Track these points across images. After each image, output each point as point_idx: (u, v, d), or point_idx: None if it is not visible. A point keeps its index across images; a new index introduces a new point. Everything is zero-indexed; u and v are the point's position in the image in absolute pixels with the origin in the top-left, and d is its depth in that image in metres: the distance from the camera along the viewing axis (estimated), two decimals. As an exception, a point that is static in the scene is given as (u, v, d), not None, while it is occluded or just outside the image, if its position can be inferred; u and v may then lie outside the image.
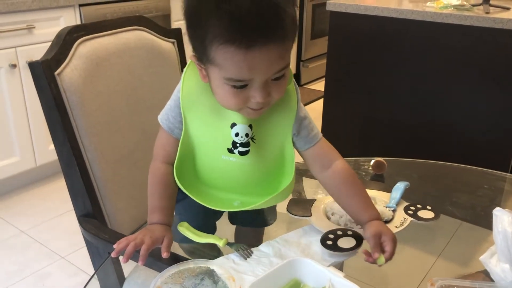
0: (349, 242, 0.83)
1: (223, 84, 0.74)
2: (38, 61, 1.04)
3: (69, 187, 1.15)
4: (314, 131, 0.88)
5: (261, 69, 0.71)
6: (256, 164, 0.85)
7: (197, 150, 0.87)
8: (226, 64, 0.71)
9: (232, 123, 0.82)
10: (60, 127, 1.08)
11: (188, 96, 0.84)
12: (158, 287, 0.72)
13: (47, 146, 2.37)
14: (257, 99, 0.74)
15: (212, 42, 0.70)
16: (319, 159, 0.88)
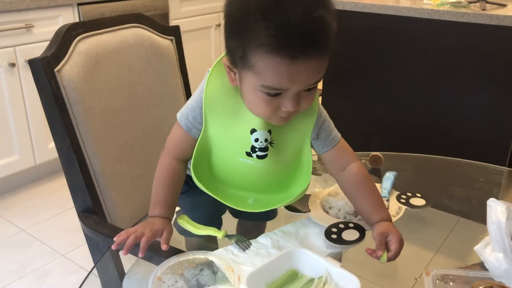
0: (353, 234, 0.84)
1: (257, 90, 0.75)
2: (38, 58, 1.05)
3: (69, 183, 1.16)
4: (332, 133, 0.90)
5: (301, 80, 0.73)
6: (273, 167, 0.87)
7: (215, 151, 0.88)
8: (267, 72, 0.72)
9: (252, 129, 0.83)
10: (60, 123, 1.09)
11: (211, 98, 0.84)
12: (158, 277, 0.73)
13: (47, 145, 2.38)
14: (288, 108, 0.75)
15: (255, 50, 0.71)
16: (336, 161, 0.90)
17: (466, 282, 0.74)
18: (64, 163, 1.14)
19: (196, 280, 0.72)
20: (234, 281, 0.72)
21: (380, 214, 0.85)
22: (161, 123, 1.33)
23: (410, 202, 0.98)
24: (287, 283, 0.73)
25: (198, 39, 3.01)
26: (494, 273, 0.75)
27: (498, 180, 1.18)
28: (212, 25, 3.07)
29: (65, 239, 2.06)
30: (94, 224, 1.12)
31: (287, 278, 0.74)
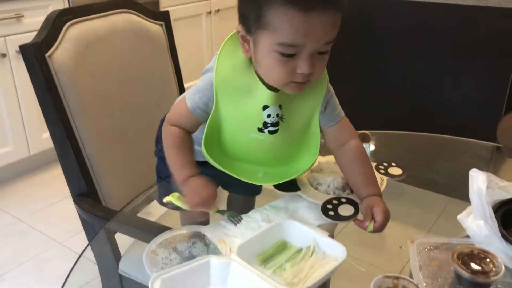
0: (348, 210, 0.87)
1: (272, 52, 0.76)
2: (28, 44, 1.06)
3: (64, 167, 1.18)
4: (337, 109, 0.92)
5: (316, 34, 0.73)
6: (283, 141, 0.89)
7: (226, 128, 0.89)
8: (282, 27, 0.72)
9: (264, 105, 0.84)
10: (53, 108, 1.11)
11: (222, 78, 0.84)
12: (152, 251, 0.75)
13: (40, 135, 2.39)
14: (303, 69, 0.76)
15: (270, 5, 0.72)
16: (337, 137, 0.92)
17: (449, 249, 0.76)
18: (58, 148, 1.16)
19: (189, 252, 0.75)
20: (225, 253, 0.74)
21: (370, 189, 0.88)
22: (153, 107, 1.34)
23: (389, 171, 1.01)
24: (277, 253, 0.76)
25: (189, 26, 3.01)
26: (475, 240, 0.78)
27: (482, 154, 1.22)
28: (203, 13, 3.07)
29: (62, 228, 2.08)
30: (89, 208, 1.14)
31: (277, 248, 0.77)
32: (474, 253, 0.73)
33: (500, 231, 0.75)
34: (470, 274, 0.69)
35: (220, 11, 3.15)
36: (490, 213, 0.76)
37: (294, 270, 0.71)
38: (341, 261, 0.71)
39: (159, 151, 1.13)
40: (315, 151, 0.90)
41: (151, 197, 1.11)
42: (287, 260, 0.74)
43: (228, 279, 0.69)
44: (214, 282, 0.69)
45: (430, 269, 0.75)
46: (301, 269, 0.72)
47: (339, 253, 0.72)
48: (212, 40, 3.18)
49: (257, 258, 0.74)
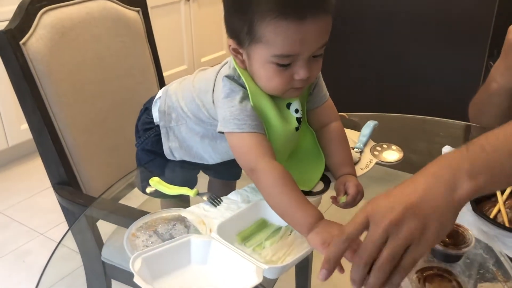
0: (319, 185, 0.88)
1: (268, 63, 0.76)
2: (2, 31, 1.05)
3: (42, 155, 1.17)
4: (323, 90, 0.93)
5: (310, 42, 0.74)
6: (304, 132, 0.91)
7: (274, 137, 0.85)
8: (277, 39, 0.73)
9: (287, 103, 0.85)
10: (29, 96, 1.10)
11: (255, 95, 0.82)
12: (132, 234, 0.76)
13: (18, 127, 2.36)
14: (301, 75, 0.76)
15: (263, 19, 0.72)
16: (320, 118, 0.94)
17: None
18: (36, 137, 1.15)
19: (170, 234, 0.76)
20: (206, 234, 0.75)
21: (345, 169, 0.89)
22: (131, 94, 1.34)
23: (383, 155, 1.03)
24: (257, 232, 0.77)
25: (168, 14, 2.98)
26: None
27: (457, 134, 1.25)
28: (181, 0, 3.04)
29: (44, 219, 2.07)
30: (69, 195, 1.14)
31: (257, 227, 0.78)
32: (446, 227, 0.75)
33: (471, 205, 0.77)
34: (442, 247, 0.71)
35: (198, -2, 3.13)
36: (462, 188, 0.78)
37: (273, 248, 0.73)
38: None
39: (140, 143, 1.13)
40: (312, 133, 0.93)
41: (131, 184, 1.11)
42: (266, 238, 0.75)
43: (209, 257, 0.70)
44: (195, 260, 0.70)
45: (405, 244, 0.77)
46: (280, 247, 0.73)
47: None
48: (191, 28, 3.16)
49: (237, 237, 0.75)
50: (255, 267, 0.66)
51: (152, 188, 0.96)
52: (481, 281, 0.70)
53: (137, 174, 1.13)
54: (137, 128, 1.15)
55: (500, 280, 0.71)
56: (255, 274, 0.65)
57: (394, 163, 1.02)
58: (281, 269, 0.69)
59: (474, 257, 0.73)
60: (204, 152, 0.97)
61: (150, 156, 1.12)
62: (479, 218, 0.76)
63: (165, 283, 0.66)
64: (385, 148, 1.05)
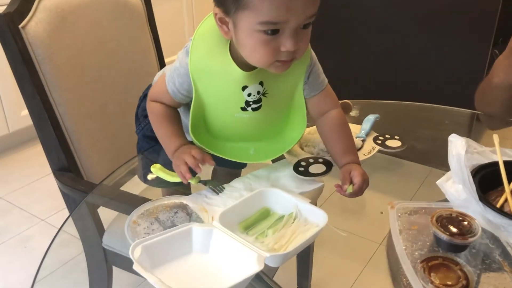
0: (319, 168, 0.88)
1: (254, 32, 0.74)
2: (0, 14, 1.03)
3: (42, 141, 1.16)
4: (320, 77, 0.91)
5: (298, 9, 0.72)
6: (268, 116, 0.88)
7: (209, 112, 0.89)
8: (263, 5, 0.71)
9: (243, 86, 0.83)
10: (28, 81, 1.08)
11: (198, 64, 0.84)
12: (133, 221, 0.75)
13: (19, 113, 2.34)
14: (288, 46, 0.74)
15: None
16: (319, 106, 0.92)
17: (429, 214, 0.78)
18: (36, 122, 1.14)
19: (171, 222, 0.75)
20: (208, 221, 0.74)
21: (348, 157, 0.88)
22: (133, 79, 1.32)
23: (386, 143, 1.01)
24: (259, 220, 0.76)
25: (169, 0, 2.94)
26: (454, 204, 0.80)
27: (462, 122, 1.23)
28: (183, -15, 3.00)
29: (45, 205, 2.06)
30: (70, 182, 1.13)
31: (259, 215, 0.77)
32: (452, 216, 0.74)
33: (478, 194, 0.76)
34: (448, 236, 0.70)
35: (200, -17, 3.09)
36: (469, 177, 0.77)
37: (276, 236, 0.72)
38: (322, 226, 0.72)
39: (141, 130, 1.12)
40: (303, 122, 0.90)
41: (133, 171, 1.10)
42: (269, 227, 0.74)
43: (210, 246, 0.69)
44: (196, 249, 0.69)
45: (410, 233, 0.76)
46: (283, 235, 0.72)
47: (321, 219, 0.73)
48: (193, 13, 3.12)
49: (239, 226, 0.74)
50: (256, 255, 0.65)
51: (152, 175, 0.95)
52: (487, 271, 0.69)
53: (138, 163, 1.12)
54: (137, 116, 1.14)
55: (506, 270, 0.70)
56: (256, 262, 0.64)
57: (397, 149, 1.00)
58: (283, 257, 0.68)
59: (480, 247, 0.72)
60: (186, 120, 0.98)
61: (150, 143, 1.11)
62: (486, 207, 0.75)
63: (165, 271, 0.65)
64: (388, 138, 1.03)
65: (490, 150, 0.86)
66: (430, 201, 0.83)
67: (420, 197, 0.98)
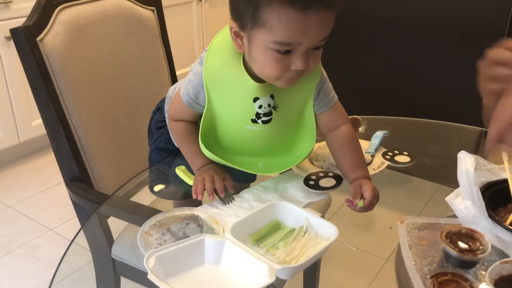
0: (329, 182, 0.89)
1: (268, 49, 0.76)
2: (20, 27, 1.06)
3: (55, 151, 1.18)
4: (330, 94, 0.93)
5: (312, 32, 0.74)
6: (278, 130, 0.90)
7: (220, 123, 0.91)
8: (280, 26, 0.73)
9: (254, 97, 0.85)
10: (44, 92, 1.10)
11: (212, 74, 0.86)
12: (146, 232, 0.76)
13: (30, 122, 2.37)
14: (298, 66, 0.77)
15: (268, 4, 0.72)
16: (329, 122, 0.94)
17: (438, 229, 0.78)
18: (50, 132, 1.16)
19: (183, 233, 0.76)
20: (219, 233, 0.75)
21: (359, 172, 0.89)
22: (144, 93, 1.34)
23: (395, 159, 1.03)
24: (270, 233, 0.77)
25: (180, 13, 2.99)
26: (463, 220, 0.80)
27: (471, 139, 1.24)
28: (193, 0, 3.05)
29: (53, 214, 2.08)
30: (81, 191, 1.14)
31: (270, 228, 0.78)
32: (462, 232, 0.74)
33: (487, 211, 0.77)
34: (458, 252, 0.70)
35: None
36: (478, 194, 0.77)
37: (287, 249, 0.73)
38: (333, 240, 0.72)
39: (153, 142, 1.13)
40: (312, 137, 0.92)
41: (143, 182, 1.11)
42: (280, 240, 0.75)
43: (222, 257, 0.70)
44: (208, 260, 0.70)
45: (419, 248, 0.77)
46: (294, 248, 0.73)
47: (331, 233, 0.74)
48: (202, 28, 3.16)
49: (251, 238, 0.75)
50: (268, 267, 0.66)
51: (159, 187, 0.97)
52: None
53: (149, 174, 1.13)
54: (150, 129, 1.16)
55: (515, 287, 0.70)
56: (268, 274, 0.65)
57: (406, 165, 1.01)
58: (294, 269, 0.68)
59: (490, 263, 0.72)
60: None
61: (162, 155, 1.12)
62: (495, 224, 0.76)
63: (178, 281, 0.66)
64: (397, 153, 1.05)
65: (499, 168, 0.87)
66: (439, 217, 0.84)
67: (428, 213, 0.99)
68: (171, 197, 1.08)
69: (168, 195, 1.08)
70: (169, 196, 1.09)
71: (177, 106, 0.96)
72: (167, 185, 1.11)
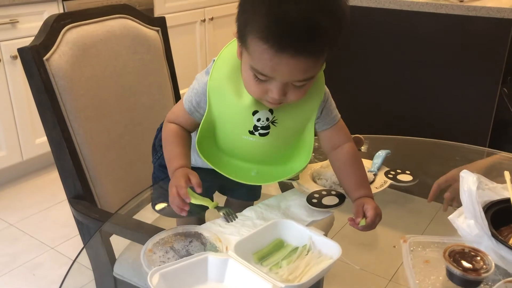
0: (332, 200, 0.89)
1: (249, 70, 0.79)
2: (27, 47, 1.08)
3: (60, 169, 1.18)
4: (333, 113, 0.93)
5: (283, 73, 0.75)
6: (275, 143, 0.90)
7: (219, 129, 0.92)
8: (254, 55, 0.75)
9: (254, 111, 0.86)
10: (50, 110, 1.12)
11: (216, 83, 0.87)
12: (149, 250, 0.76)
13: (33, 141, 2.39)
14: (274, 95, 0.78)
15: (250, 32, 0.74)
16: (331, 140, 0.94)
17: (441, 248, 0.78)
18: (55, 150, 1.17)
19: (186, 251, 0.76)
20: (222, 251, 0.75)
21: (361, 191, 0.89)
22: (149, 112, 1.36)
23: (398, 177, 1.03)
24: (273, 252, 0.77)
25: (183, 34, 3.03)
26: (466, 239, 0.80)
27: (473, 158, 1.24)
28: (197, 21, 3.09)
29: (54, 233, 2.07)
30: (84, 210, 1.15)
31: (273, 247, 0.78)
32: (465, 251, 0.74)
33: (490, 230, 0.77)
34: (462, 271, 0.70)
35: (214, 19, 3.18)
36: (481, 213, 0.78)
37: (290, 267, 0.73)
38: (336, 258, 0.72)
39: (157, 159, 1.14)
40: (307, 154, 0.92)
41: (146, 200, 1.12)
42: (283, 258, 0.75)
43: (226, 275, 0.70)
44: (211, 278, 0.70)
45: (422, 267, 0.77)
46: (297, 267, 0.73)
47: (334, 251, 0.74)
48: (206, 48, 3.20)
49: (254, 256, 0.75)
50: (271, 286, 0.66)
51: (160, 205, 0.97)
52: (500, 308, 0.69)
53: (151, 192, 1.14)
54: (154, 147, 1.17)
55: (520, 307, 0.69)
56: (272, 293, 0.65)
57: (409, 183, 1.01)
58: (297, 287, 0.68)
59: (494, 283, 0.72)
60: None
61: (166, 173, 1.13)
62: (498, 243, 0.76)
63: (181, 299, 0.66)
64: (399, 172, 1.05)
65: (502, 187, 0.87)
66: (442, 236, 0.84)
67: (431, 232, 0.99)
68: (173, 215, 1.08)
69: (170, 213, 1.08)
70: (171, 214, 1.09)
71: (177, 110, 0.96)
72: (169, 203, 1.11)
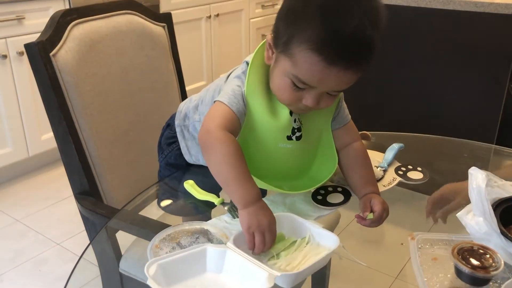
0: (337, 198, 0.89)
1: (286, 77, 0.79)
2: (33, 42, 1.08)
3: (66, 165, 1.18)
4: (345, 112, 0.95)
5: (329, 84, 0.77)
6: (306, 148, 0.91)
7: (254, 140, 0.87)
8: (302, 66, 0.76)
9: (290, 111, 0.86)
10: (56, 106, 1.12)
11: (253, 88, 0.86)
12: (156, 245, 0.76)
13: (39, 137, 2.39)
14: (308, 103, 0.80)
15: (301, 42, 0.74)
16: (342, 138, 0.95)
17: (449, 245, 0.77)
18: (61, 146, 1.17)
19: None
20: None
21: (369, 188, 0.89)
22: (154, 108, 1.36)
23: (408, 175, 1.02)
24: (274, 244, 0.77)
25: (189, 30, 3.03)
26: (474, 236, 0.79)
27: (482, 155, 1.23)
28: (203, 17, 3.09)
29: (60, 229, 2.08)
30: (91, 205, 1.15)
31: (273, 240, 0.77)
32: (474, 249, 0.74)
33: (499, 227, 0.76)
34: (470, 269, 0.70)
35: (219, 16, 3.17)
36: (490, 210, 0.77)
37: (288, 258, 0.73)
38: (333, 249, 0.72)
39: (164, 158, 1.14)
40: (333, 159, 0.92)
41: (152, 196, 1.12)
42: (282, 250, 0.75)
43: (224, 266, 0.70)
44: (210, 269, 0.71)
45: (430, 265, 0.76)
46: (295, 258, 0.73)
47: (332, 242, 0.74)
48: (211, 44, 3.20)
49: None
50: (267, 274, 0.66)
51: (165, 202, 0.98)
52: (509, 306, 0.68)
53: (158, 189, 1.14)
54: (159, 145, 1.17)
55: (529, 305, 0.69)
56: (267, 280, 0.65)
57: (419, 182, 1.01)
58: (294, 276, 0.68)
59: (503, 281, 0.71)
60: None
61: (171, 170, 1.13)
62: (507, 241, 0.75)
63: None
64: (410, 169, 1.04)
65: (511, 184, 0.86)
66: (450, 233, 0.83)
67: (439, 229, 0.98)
68: (178, 212, 1.09)
69: (176, 210, 1.09)
70: (177, 211, 1.09)
71: (224, 113, 0.83)
72: (175, 200, 1.11)
